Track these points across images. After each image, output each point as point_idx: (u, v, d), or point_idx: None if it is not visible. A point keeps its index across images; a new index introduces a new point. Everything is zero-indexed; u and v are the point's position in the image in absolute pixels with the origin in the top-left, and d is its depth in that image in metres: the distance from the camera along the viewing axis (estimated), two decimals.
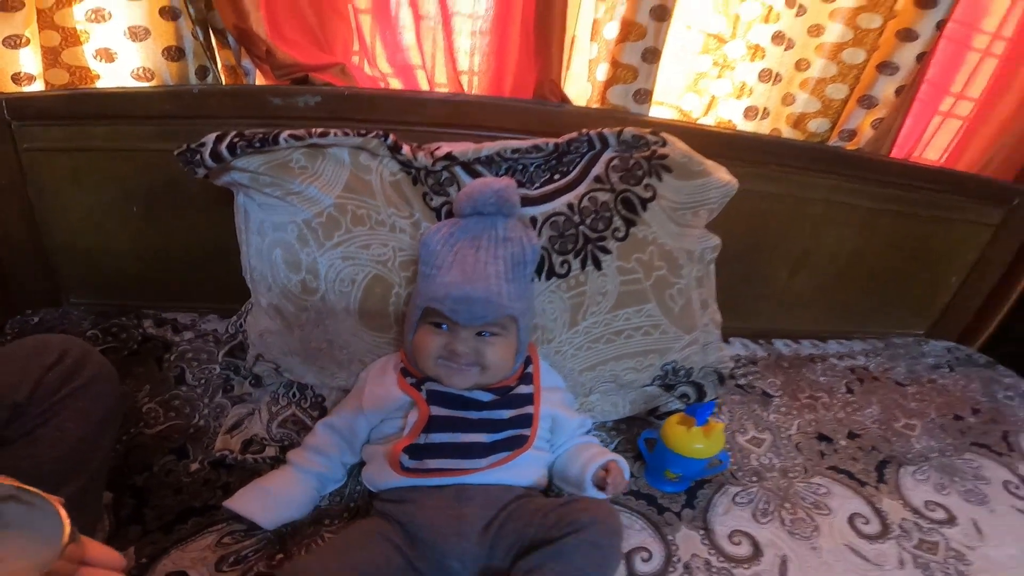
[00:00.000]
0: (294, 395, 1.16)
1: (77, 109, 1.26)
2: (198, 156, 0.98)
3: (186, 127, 1.19)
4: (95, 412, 0.79)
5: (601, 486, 0.94)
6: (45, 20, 1.23)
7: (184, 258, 1.40)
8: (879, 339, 1.85)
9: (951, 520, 1.14)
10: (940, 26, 1.46)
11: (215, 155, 0.97)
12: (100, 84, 1.31)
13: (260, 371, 1.16)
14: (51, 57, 1.26)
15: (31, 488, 0.52)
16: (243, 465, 1.04)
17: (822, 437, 1.34)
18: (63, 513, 0.51)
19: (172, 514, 0.93)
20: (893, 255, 1.73)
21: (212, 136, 0.99)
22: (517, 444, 0.93)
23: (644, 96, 1.41)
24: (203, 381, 1.24)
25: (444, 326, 0.95)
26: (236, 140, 0.97)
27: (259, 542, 0.91)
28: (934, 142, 1.75)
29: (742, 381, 1.50)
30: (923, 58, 1.50)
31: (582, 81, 1.46)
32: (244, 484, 0.97)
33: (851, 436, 1.36)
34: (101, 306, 1.42)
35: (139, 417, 1.12)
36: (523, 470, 0.95)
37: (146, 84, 1.30)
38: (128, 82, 1.31)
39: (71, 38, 1.26)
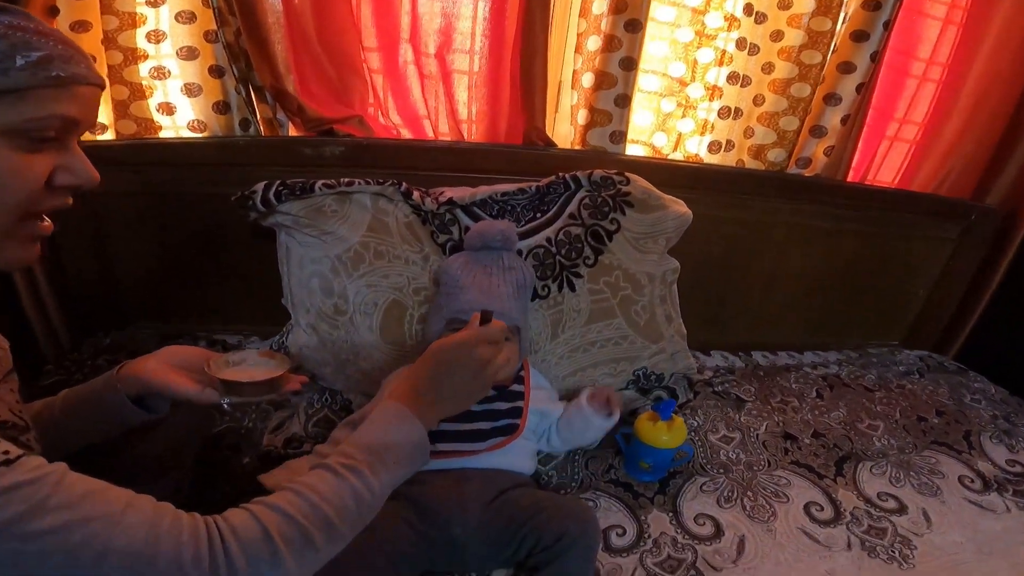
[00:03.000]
0: (326, 400, 1.33)
1: (145, 157, 1.41)
2: (251, 201, 1.20)
3: (234, 173, 1.36)
4: (192, 420, 1.00)
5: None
6: (115, 75, 1.38)
7: (230, 288, 1.55)
8: (855, 350, 1.95)
9: (901, 509, 1.23)
10: (875, 57, 1.59)
11: (265, 201, 1.19)
12: (163, 135, 1.47)
13: None
14: (120, 109, 1.41)
15: (272, 351, 0.97)
16: (285, 458, 1.18)
17: (788, 436, 1.44)
18: (287, 358, 0.93)
19: (227, 498, 1.08)
20: (858, 272, 1.83)
21: (261, 184, 1.21)
22: (509, 431, 1.09)
23: (619, 137, 1.57)
24: None
25: None
26: (280, 188, 1.20)
27: None
28: (887, 165, 1.86)
29: (718, 388, 1.61)
30: (863, 88, 1.63)
31: (566, 125, 1.62)
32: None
33: (816, 435, 1.46)
34: (162, 328, 1.55)
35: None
36: (514, 457, 1.10)
37: (199, 135, 1.47)
38: (185, 133, 1.48)
39: (137, 92, 1.41)
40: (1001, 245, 1.89)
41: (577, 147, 1.61)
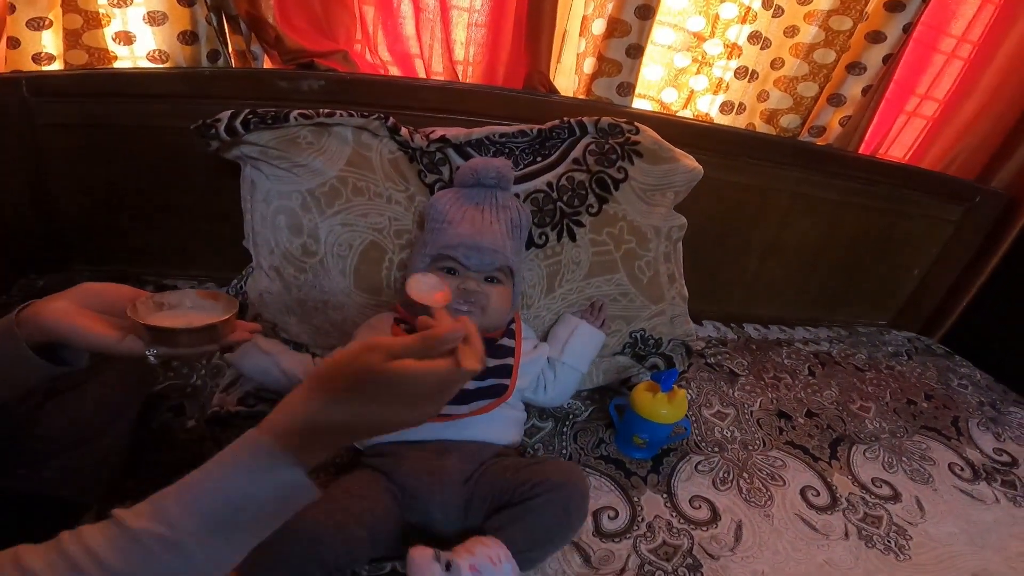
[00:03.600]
0: None
1: (93, 87, 1.24)
2: (213, 130, 1.02)
3: (197, 107, 1.17)
4: (130, 375, 0.83)
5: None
6: (69, 4, 1.21)
7: (185, 229, 1.38)
8: (844, 328, 1.87)
9: (896, 496, 1.16)
10: (907, 29, 1.47)
11: (230, 130, 1.02)
12: (117, 65, 1.29)
13: None
14: (72, 39, 1.24)
15: (216, 292, 0.76)
16: (236, 420, 1.04)
17: (782, 414, 1.35)
18: (235, 300, 0.74)
19: (166, 469, 0.93)
20: (857, 247, 1.74)
21: (228, 113, 1.03)
22: (496, 393, 0.95)
23: (627, 89, 1.42)
24: None
25: (455, 272, 0.99)
26: (250, 117, 1.02)
27: None
28: (900, 140, 1.76)
29: (711, 360, 1.51)
30: (889, 60, 1.51)
31: (571, 73, 1.47)
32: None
33: (809, 415, 1.38)
34: (105, 273, 1.36)
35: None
36: (499, 427, 0.97)
37: (160, 66, 1.29)
38: (144, 64, 1.29)
39: (93, 21, 1.24)
40: (1000, 230, 1.80)
41: (581, 96, 1.45)
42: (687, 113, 1.56)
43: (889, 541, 1.05)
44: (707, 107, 1.55)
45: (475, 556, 0.73)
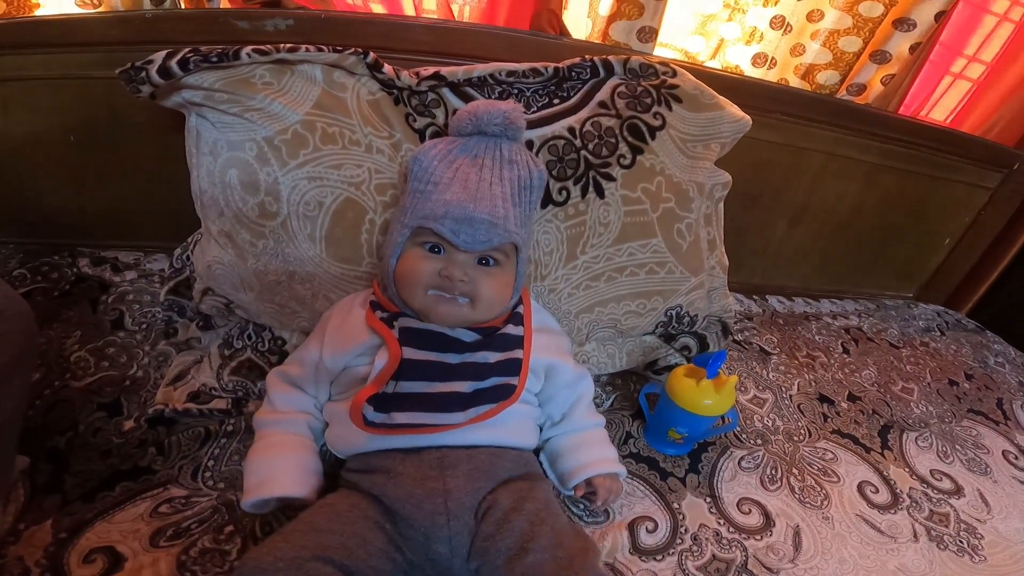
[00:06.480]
0: (249, 337, 0.94)
1: (9, 38, 1.03)
2: (143, 73, 0.79)
3: (135, 54, 0.94)
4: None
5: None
6: None
7: (129, 191, 1.17)
8: (870, 300, 1.75)
9: (958, 491, 1.03)
10: None
11: (164, 71, 0.78)
12: (41, 13, 1.09)
13: (208, 309, 0.95)
14: None
15: None
16: (186, 419, 0.84)
17: (823, 398, 1.20)
18: None
19: (97, 480, 0.74)
20: (890, 212, 1.60)
21: (162, 53, 0.80)
22: (502, 395, 0.74)
23: (649, 34, 1.22)
24: (144, 326, 1.00)
25: (439, 250, 0.76)
26: (190, 55, 0.79)
27: (203, 512, 0.72)
28: (942, 103, 1.64)
29: (739, 337, 1.35)
30: (941, 17, 1.37)
31: (582, 17, 1.28)
32: (188, 442, 0.81)
33: (851, 398, 1.23)
34: (33, 244, 1.16)
35: (65, 368, 0.89)
36: (511, 427, 0.77)
37: (91, 11, 1.07)
38: (72, 10, 1.08)
39: None
40: None
41: (596, 41, 1.25)
42: (715, 64, 1.39)
43: (961, 541, 0.93)
44: (737, 58, 1.39)
45: None
